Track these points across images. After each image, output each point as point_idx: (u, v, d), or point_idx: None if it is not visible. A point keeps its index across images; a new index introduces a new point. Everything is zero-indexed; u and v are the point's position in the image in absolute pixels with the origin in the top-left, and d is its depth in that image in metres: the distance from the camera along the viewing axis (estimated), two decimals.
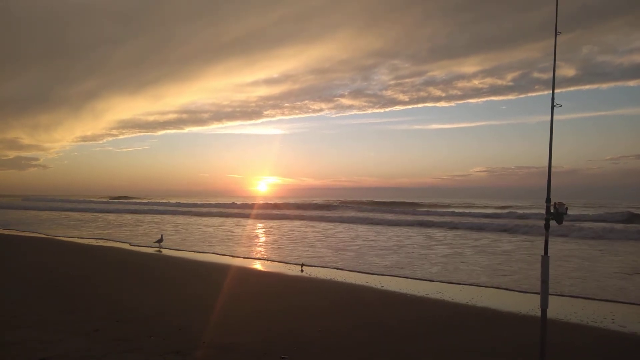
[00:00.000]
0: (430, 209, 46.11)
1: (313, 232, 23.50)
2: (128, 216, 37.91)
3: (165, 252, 15.10)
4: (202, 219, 34.52)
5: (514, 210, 40.10)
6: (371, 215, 36.94)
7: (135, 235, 21.07)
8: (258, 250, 16.34)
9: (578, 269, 11.90)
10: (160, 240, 16.58)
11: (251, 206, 50.50)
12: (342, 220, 31.90)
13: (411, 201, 62.25)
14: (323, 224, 29.25)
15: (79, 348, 4.93)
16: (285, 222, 31.10)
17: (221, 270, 11.55)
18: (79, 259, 13.00)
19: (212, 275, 10.74)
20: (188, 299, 7.99)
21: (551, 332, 4.73)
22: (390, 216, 35.64)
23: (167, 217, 37.70)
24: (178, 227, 26.13)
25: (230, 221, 32.46)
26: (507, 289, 9.52)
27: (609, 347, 5.77)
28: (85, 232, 22.43)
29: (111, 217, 36.77)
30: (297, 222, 31.10)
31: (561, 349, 5.34)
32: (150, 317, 6.50)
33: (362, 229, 25.33)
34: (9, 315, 6.39)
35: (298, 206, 51.88)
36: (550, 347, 4.23)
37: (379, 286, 9.65)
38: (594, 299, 8.62)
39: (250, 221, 32.83)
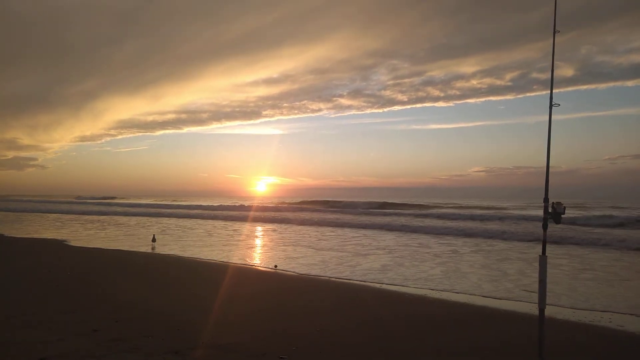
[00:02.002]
0: (398, 210, 45.44)
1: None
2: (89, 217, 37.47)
3: (163, 252, 15.09)
4: (196, 221, 34.49)
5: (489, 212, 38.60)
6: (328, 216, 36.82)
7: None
8: (255, 251, 16.34)
9: None
10: (153, 240, 17.33)
11: (247, 208, 50.36)
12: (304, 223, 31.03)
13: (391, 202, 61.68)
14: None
15: (79, 348, 4.93)
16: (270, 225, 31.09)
17: (219, 270, 11.55)
18: (77, 259, 12.98)
19: (210, 275, 10.74)
20: (187, 299, 8.00)
21: (550, 330, 4.75)
22: (333, 216, 35.68)
23: (151, 219, 37.63)
24: (169, 228, 26.11)
25: (228, 222, 32.45)
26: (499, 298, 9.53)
27: (608, 346, 5.79)
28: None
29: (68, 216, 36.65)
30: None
31: (560, 348, 5.36)
32: (149, 317, 6.50)
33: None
34: (8, 315, 6.38)
35: (267, 208, 50.76)
36: (548, 345, 4.25)
37: (377, 286, 9.66)
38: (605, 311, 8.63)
39: (247, 223, 32.84)
